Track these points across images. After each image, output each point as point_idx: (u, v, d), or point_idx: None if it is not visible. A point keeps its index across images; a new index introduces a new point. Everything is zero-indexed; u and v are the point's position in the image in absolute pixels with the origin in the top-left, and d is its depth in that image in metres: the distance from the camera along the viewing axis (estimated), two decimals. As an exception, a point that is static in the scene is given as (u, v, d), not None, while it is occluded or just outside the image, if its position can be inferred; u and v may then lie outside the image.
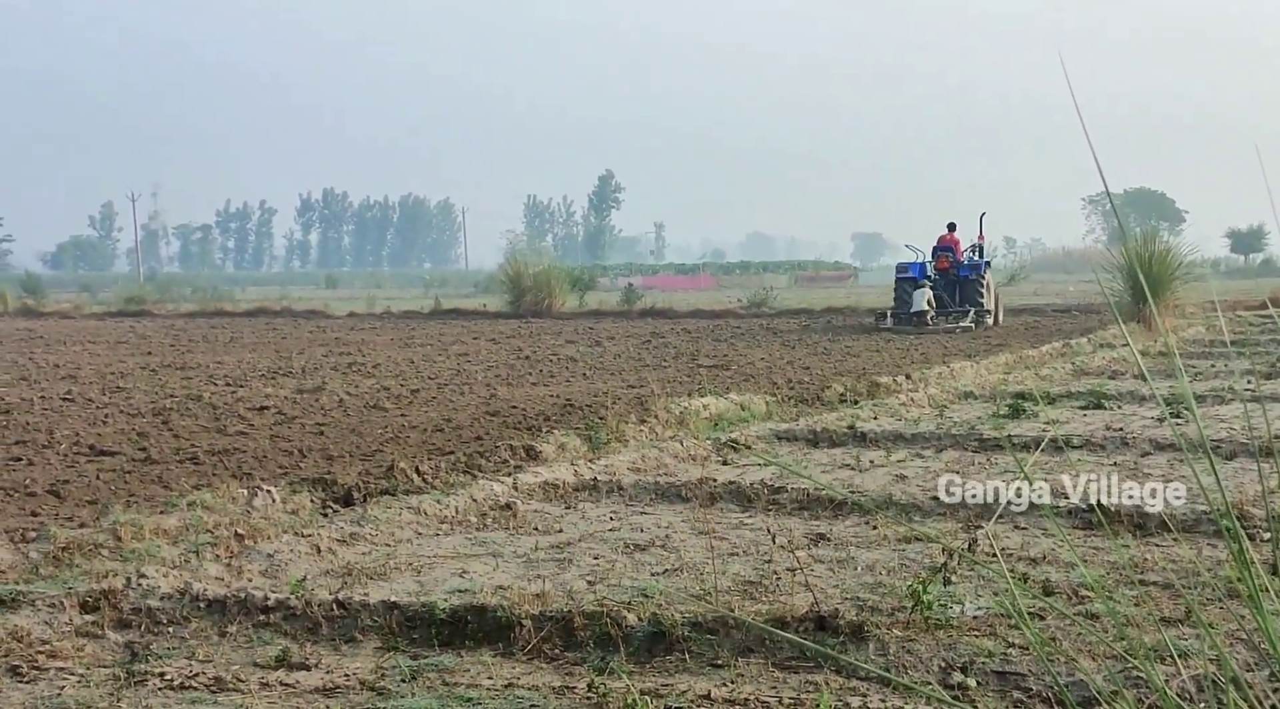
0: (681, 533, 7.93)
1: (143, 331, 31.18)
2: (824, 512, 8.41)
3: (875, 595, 6.29)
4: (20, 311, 43.50)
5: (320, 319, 37.42)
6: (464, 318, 36.73)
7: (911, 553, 7.21)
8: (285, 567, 7.02)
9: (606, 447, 10.69)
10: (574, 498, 9.14)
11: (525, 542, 7.78)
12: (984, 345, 22.22)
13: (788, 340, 24.70)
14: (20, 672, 5.36)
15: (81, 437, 11.86)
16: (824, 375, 16.76)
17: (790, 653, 5.36)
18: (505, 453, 10.23)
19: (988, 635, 5.53)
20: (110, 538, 7.17)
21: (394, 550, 7.50)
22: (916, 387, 14.92)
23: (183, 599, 6.16)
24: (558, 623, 5.72)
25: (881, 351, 21.35)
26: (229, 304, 44.86)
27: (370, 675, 5.31)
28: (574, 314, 36.75)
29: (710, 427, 11.95)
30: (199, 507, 7.79)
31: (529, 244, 64.96)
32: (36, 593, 6.18)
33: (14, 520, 8.08)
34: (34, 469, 10.21)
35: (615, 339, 25.84)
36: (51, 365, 20.44)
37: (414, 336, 27.81)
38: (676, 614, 5.68)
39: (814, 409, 13.39)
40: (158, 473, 9.98)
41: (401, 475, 9.18)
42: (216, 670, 5.35)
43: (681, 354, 21.56)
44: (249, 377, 18.00)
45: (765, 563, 7.00)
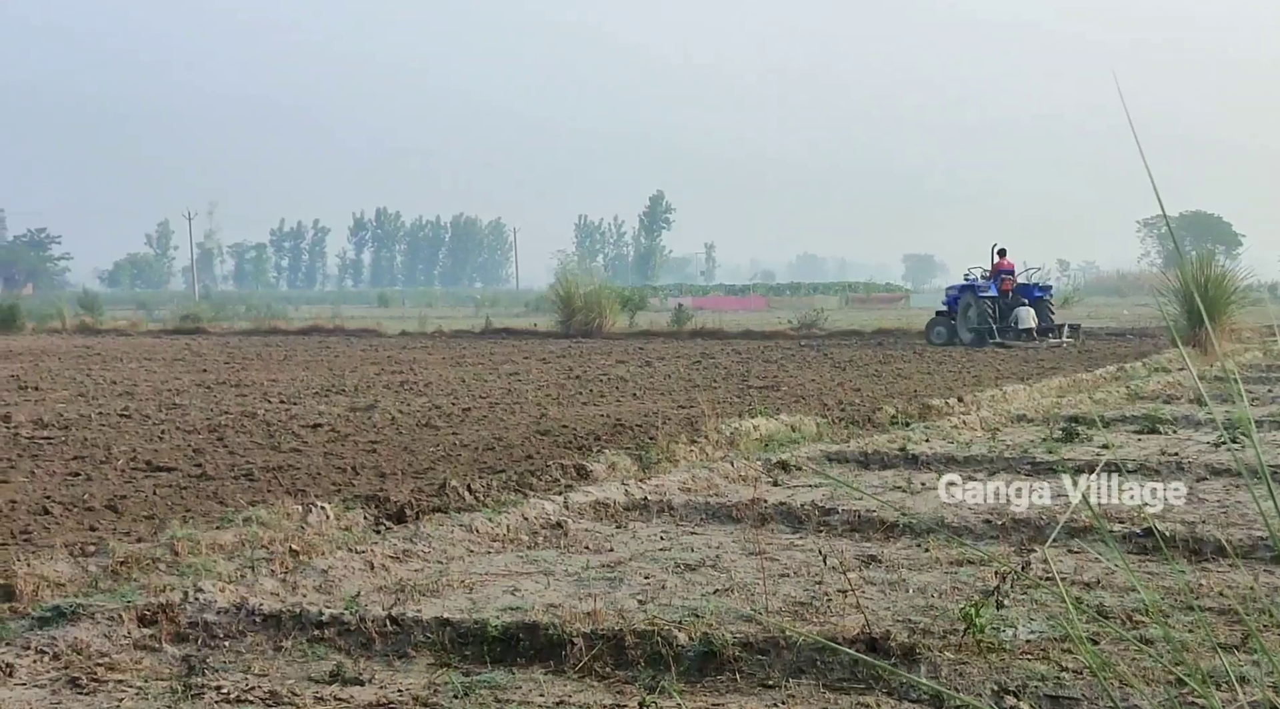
0: (732, 553, 7.93)
1: (198, 349, 31.50)
2: (875, 533, 8.39)
3: (927, 618, 6.27)
4: (78, 329, 44.06)
5: (372, 338, 37.67)
6: (515, 337, 36.87)
7: (963, 575, 7.18)
8: (339, 582, 7.09)
9: (657, 466, 10.71)
10: (625, 517, 9.16)
11: (576, 560, 7.81)
12: (1036, 368, 22.07)
13: (838, 362, 24.63)
14: (80, 684, 5.44)
15: (139, 452, 12.01)
16: (875, 397, 16.71)
17: (842, 674, 5.35)
18: (556, 472, 10.27)
19: (1041, 659, 5.50)
20: (167, 553, 7.27)
21: (446, 567, 7.55)
22: (969, 409, 14.85)
23: (239, 614, 6.23)
24: (609, 641, 5.73)
25: (933, 374, 21.25)
26: (283, 322, 45.25)
27: (423, 692, 5.35)
28: (624, 334, 36.81)
29: (761, 447, 11.94)
30: (254, 522, 7.87)
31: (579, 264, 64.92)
32: (96, 606, 6.27)
33: (73, 534, 8.19)
34: (92, 484, 10.35)
35: (665, 359, 25.86)
36: (109, 382, 20.70)
37: (465, 356, 27.95)
38: (727, 634, 5.69)
39: (865, 431, 13.35)
40: (213, 489, 10.09)
41: (454, 493, 9.24)
42: (272, 685, 5.40)
43: (732, 375, 21.55)
44: (303, 394, 18.15)
45: (816, 584, 6.99)
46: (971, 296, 30.32)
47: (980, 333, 29.92)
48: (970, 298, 30.34)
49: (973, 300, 30.22)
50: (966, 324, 30.22)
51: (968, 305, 30.35)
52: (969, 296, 30.40)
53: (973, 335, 29.97)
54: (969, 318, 30.23)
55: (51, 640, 5.84)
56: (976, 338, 29.78)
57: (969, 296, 30.40)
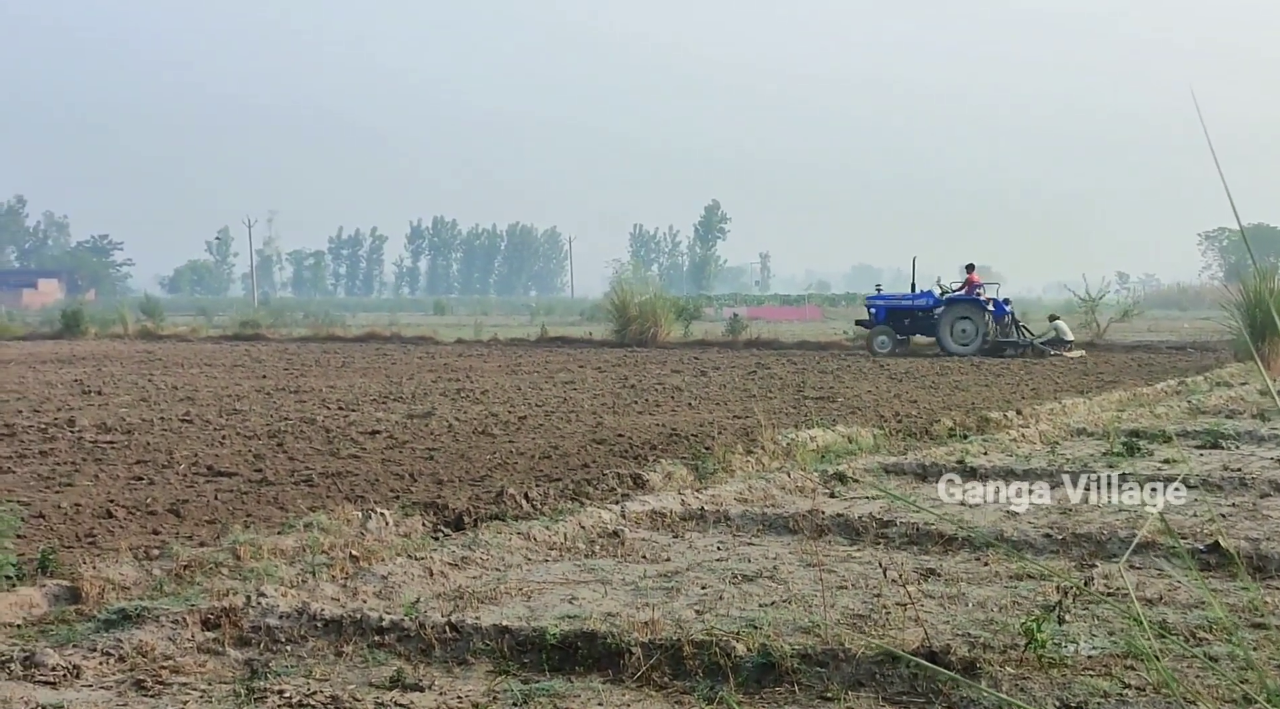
0: (789, 564, 7.92)
1: (257, 355, 31.81)
2: (933, 546, 8.35)
3: (987, 632, 6.23)
4: (140, 334, 44.60)
5: (429, 345, 37.88)
6: (570, 346, 36.95)
7: (1024, 590, 7.13)
8: (399, 588, 7.15)
9: (713, 477, 10.72)
10: (681, 527, 9.17)
11: (633, 570, 7.83)
12: (1096, 381, 21.87)
13: (894, 373, 24.50)
14: (145, 686, 5.52)
15: (200, 457, 12.16)
16: (932, 409, 16.62)
17: (901, 687, 5.33)
18: (612, 481, 10.30)
19: (1103, 675, 5.45)
20: (230, 557, 7.36)
21: (504, 575, 7.59)
22: (1028, 422, 14.73)
23: (300, 618, 6.29)
24: (667, 651, 5.74)
25: (991, 386, 21.10)
26: (340, 329, 45.56)
27: (482, 699, 5.38)
28: (679, 344, 36.78)
29: (817, 459, 11.90)
30: (315, 528, 7.96)
31: (634, 273, 65.03)
32: (160, 609, 6.35)
33: (136, 538, 8.30)
34: (155, 488, 10.48)
35: (720, 369, 25.84)
36: (170, 387, 20.95)
37: (521, 364, 28.06)
38: (786, 645, 5.68)
39: (922, 443, 13.29)
40: (274, 494, 10.19)
41: (511, 501, 9.29)
42: (333, 690, 5.45)
43: (787, 385, 21.50)
44: (360, 401, 18.29)
45: (874, 597, 6.97)
46: (970, 309, 31.19)
47: (1001, 345, 30.98)
48: (967, 309, 31.19)
49: (971, 313, 31.11)
50: (960, 337, 30.95)
51: (959, 317, 31.16)
52: (964, 308, 31.21)
53: (971, 346, 30.73)
54: (962, 330, 31.00)
55: (117, 643, 5.92)
56: (980, 348, 30.64)
57: (964, 308, 31.21)
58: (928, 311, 31.81)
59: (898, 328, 31.74)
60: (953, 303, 31.48)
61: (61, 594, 6.70)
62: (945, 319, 31.21)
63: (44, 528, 8.68)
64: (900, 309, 32.19)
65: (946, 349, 30.76)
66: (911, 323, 31.91)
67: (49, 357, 31.42)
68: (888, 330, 31.51)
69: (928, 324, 31.85)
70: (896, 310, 32.13)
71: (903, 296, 32.75)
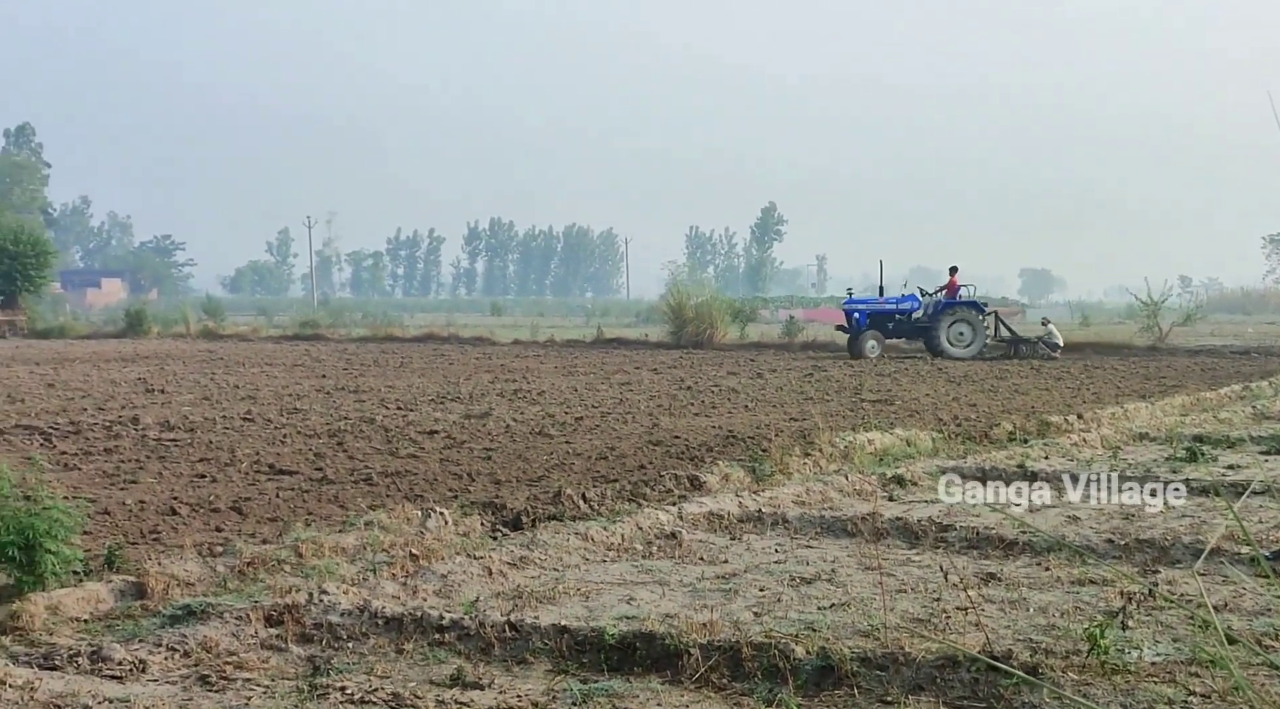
0: (848, 567, 7.89)
1: (317, 355, 32.09)
2: (994, 551, 8.29)
3: (1049, 637, 6.17)
4: (201, 333, 45.14)
5: (486, 346, 38.06)
6: (626, 347, 37.00)
7: (1086, 595, 7.06)
8: (458, 587, 7.19)
9: (770, 479, 10.70)
10: (738, 529, 9.16)
11: (691, 571, 7.83)
12: (1159, 386, 21.62)
13: (953, 376, 24.34)
14: (210, 682, 5.59)
15: (261, 456, 12.27)
16: (991, 413, 16.49)
17: (962, 692, 5.29)
18: (670, 482, 10.30)
19: (1167, 682, 5.39)
20: (292, 554, 7.43)
21: (562, 575, 7.61)
22: (1089, 427, 14.59)
23: (361, 616, 6.34)
24: (725, 653, 5.74)
25: (1051, 390, 20.91)
26: (398, 330, 45.90)
27: (542, 698, 5.40)
28: (735, 346, 36.73)
29: (875, 462, 11.85)
30: (375, 526, 8.01)
31: (690, 275, 64.92)
32: (224, 605, 6.43)
33: (200, 535, 8.40)
34: (217, 486, 10.60)
35: (777, 371, 25.77)
36: (232, 386, 21.18)
37: (577, 365, 28.12)
38: (845, 648, 5.66)
39: (982, 447, 13.19)
40: (334, 492, 10.28)
41: (568, 501, 9.31)
42: (394, 687, 5.49)
43: (844, 388, 21.41)
44: (419, 401, 18.40)
45: (934, 601, 6.93)
46: (967, 312, 31.26)
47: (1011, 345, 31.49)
48: (965, 312, 31.22)
49: (969, 316, 31.19)
50: (960, 339, 30.92)
51: (956, 320, 31.08)
52: (962, 311, 31.21)
53: (971, 349, 30.77)
54: (959, 334, 30.97)
55: (182, 638, 6.00)
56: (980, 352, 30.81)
57: (962, 311, 31.21)
58: (912, 316, 31.61)
59: (881, 332, 31.39)
60: (950, 306, 31.33)
61: (127, 590, 6.79)
62: (943, 322, 31.00)
63: (109, 524, 8.80)
64: (883, 313, 31.76)
65: (943, 353, 30.52)
66: (895, 327, 31.62)
67: (113, 355, 31.86)
68: (877, 335, 31.09)
69: (913, 328, 31.63)
70: (879, 315, 31.69)
71: (886, 300, 32.27)
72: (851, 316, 31.79)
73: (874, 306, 31.95)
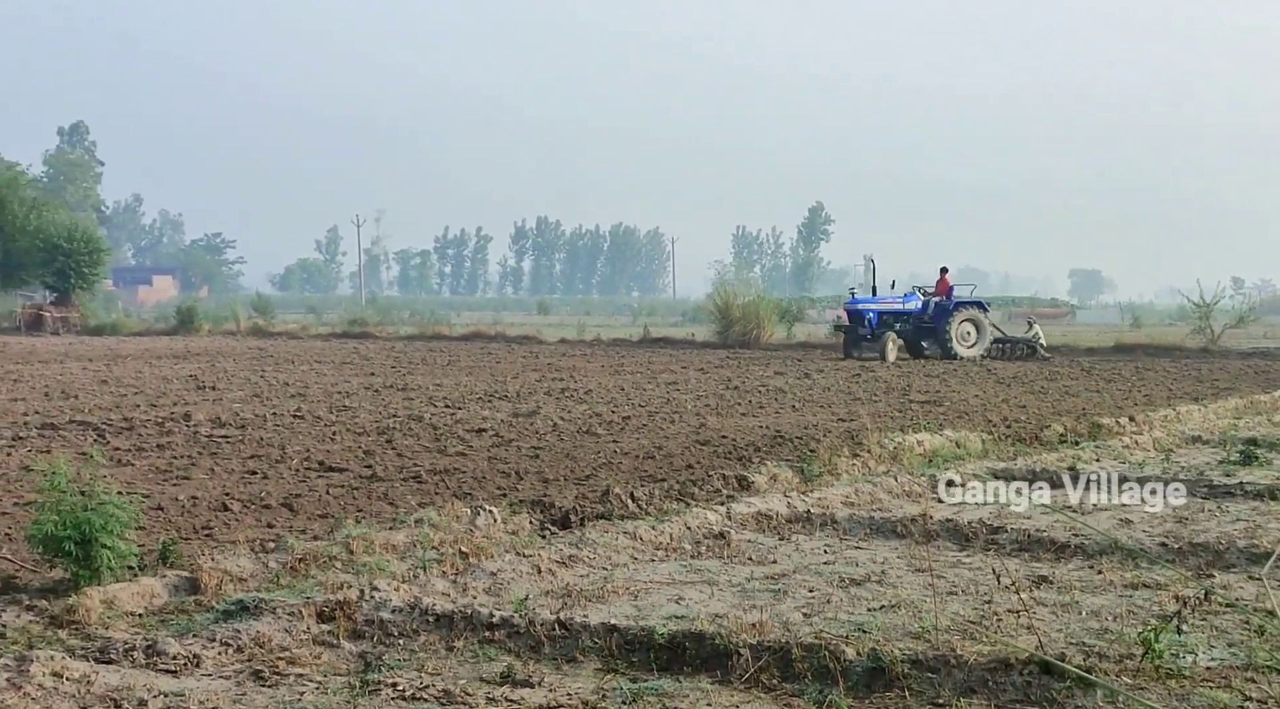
0: (897, 569, 7.85)
1: (365, 353, 32.29)
2: (1045, 553, 8.23)
3: (1102, 641, 6.12)
4: (251, 331, 45.55)
5: (533, 344, 38.18)
6: (672, 347, 37.00)
7: (1139, 599, 6.99)
8: (508, 585, 7.21)
9: (819, 479, 10.66)
10: (787, 529, 9.14)
11: (740, 571, 7.82)
12: (1211, 388, 21.39)
13: (1002, 378, 24.18)
14: (263, 677, 5.63)
15: (311, 453, 12.36)
16: (1041, 414, 16.36)
17: (1014, 695, 5.26)
18: (717, 482, 10.29)
19: (1223, 687, 5.33)
20: (343, 551, 7.48)
21: (611, 574, 7.62)
22: (1140, 429, 14.46)
23: (412, 613, 6.38)
24: (775, 653, 5.72)
25: (1102, 392, 20.72)
26: (445, 328, 46.12)
27: (592, 696, 5.40)
28: (782, 345, 36.66)
29: (924, 463, 11.79)
30: (425, 524, 8.05)
31: (736, 275, 64.81)
32: (277, 601, 6.48)
33: (251, 531, 8.46)
34: (268, 483, 10.68)
35: (824, 372, 25.69)
36: (281, 383, 21.34)
37: (624, 364, 28.14)
38: (896, 650, 5.63)
39: (1032, 448, 13.09)
40: (383, 490, 10.32)
41: (617, 500, 9.32)
42: (445, 684, 5.52)
43: (893, 389, 21.31)
44: (466, 399, 18.47)
45: (985, 603, 6.88)
46: (975, 311, 30.89)
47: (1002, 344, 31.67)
48: (972, 312, 30.82)
49: (975, 315, 30.80)
50: (967, 339, 30.51)
51: (967, 318, 30.64)
52: (970, 310, 30.80)
53: (978, 348, 30.49)
54: (966, 333, 30.51)
55: (235, 633, 6.05)
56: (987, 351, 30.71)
57: (970, 310, 30.80)
58: (920, 315, 30.98)
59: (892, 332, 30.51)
60: (957, 305, 30.84)
61: (181, 585, 6.86)
62: (953, 322, 30.42)
63: (162, 520, 8.88)
64: (892, 313, 30.99)
65: (952, 353, 29.96)
66: (902, 327, 30.83)
67: (164, 352, 32.20)
68: (893, 336, 30.22)
69: (919, 328, 30.97)
70: (890, 314, 30.94)
71: (892, 299, 31.44)
72: (864, 317, 30.85)
73: (885, 306, 31.19)
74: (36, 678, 5.31)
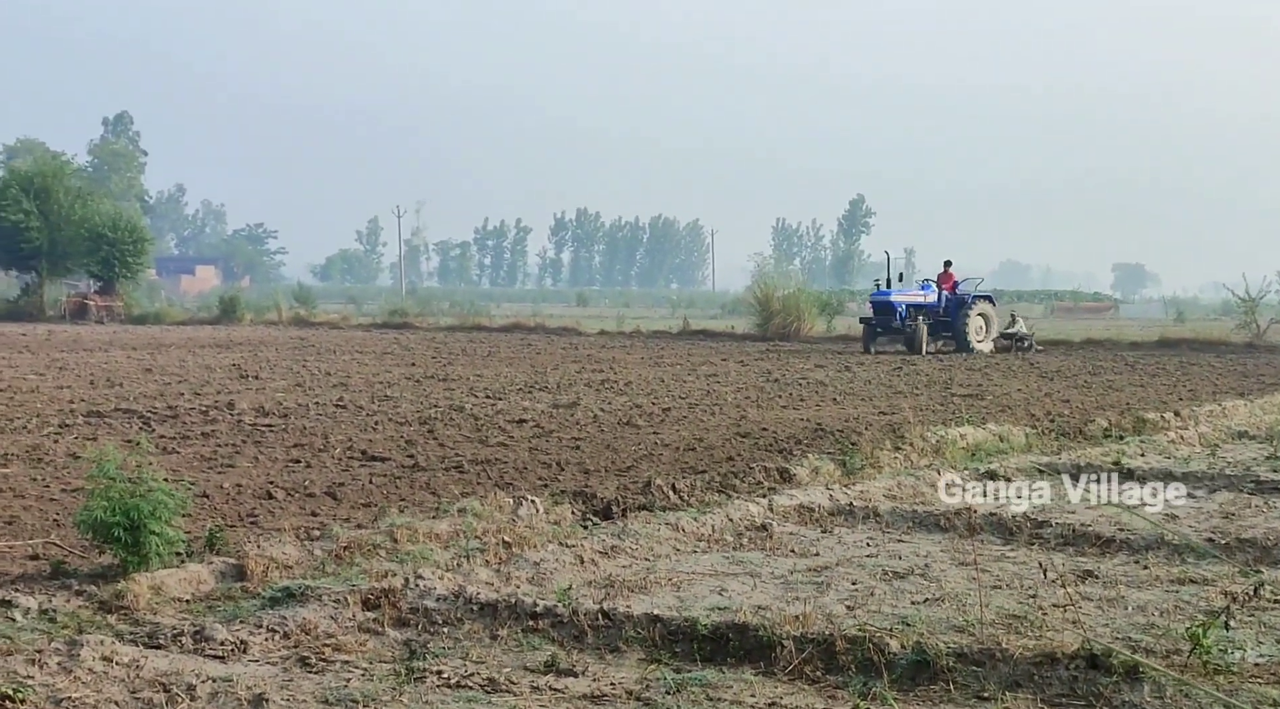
0: (941, 562, 7.82)
1: (406, 343, 32.41)
2: (1090, 548, 8.17)
3: (1149, 636, 6.08)
4: (293, 321, 45.80)
5: (572, 336, 38.22)
6: (712, 339, 36.95)
7: (1186, 595, 6.94)
8: (551, 575, 7.23)
9: (861, 472, 10.63)
10: (829, 522, 9.12)
11: (782, 563, 7.81)
12: (1257, 383, 21.18)
13: (1045, 372, 24.03)
14: (309, 663, 5.67)
15: (354, 442, 12.43)
16: (1085, 409, 16.25)
17: (1060, 689, 5.23)
18: (759, 474, 10.28)
19: (1272, 683, 5.28)
20: (387, 539, 7.52)
21: (653, 565, 7.63)
22: (1186, 424, 14.34)
23: (456, 601, 6.41)
24: (819, 645, 5.71)
25: (1146, 387, 20.57)
26: (485, 319, 46.21)
27: (635, 686, 5.41)
28: (822, 338, 36.55)
29: (967, 457, 11.74)
30: (469, 513, 8.08)
31: (776, 267, 64.64)
32: (323, 588, 6.52)
33: (296, 519, 8.52)
34: (311, 471, 10.75)
35: (865, 364, 25.61)
36: (323, 373, 21.46)
37: (663, 356, 28.14)
38: (940, 643, 5.61)
39: (1076, 443, 13.01)
40: (426, 479, 10.38)
41: (658, 492, 9.33)
42: (489, 672, 5.54)
43: (934, 382, 21.22)
44: (507, 390, 18.52)
45: (1030, 597, 6.85)
46: (986, 305, 30.61)
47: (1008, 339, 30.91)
48: (984, 306, 30.51)
49: (986, 309, 30.52)
50: (979, 333, 30.13)
51: (980, 312, 30.32)
52: (982, 305, 30.49)
53: (986, 342, 30.17)
54: (978, 328, 30.10)
55: (282, 620, 6.10)
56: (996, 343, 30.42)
57: (982, 305, 30.49)
58: (936, 309, 30.51)
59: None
60: (975, 300, 30.57)
61: (228, 571, 6.91)
62: (970, 315, 30.07)
63: (208, 507, 8.96)
64: (917, 306, 30.46)
65: (969, 347, 29.55)
66: (923, 320, 30.25)
67: (207, 341, 32.45)
68: (925, 328, 29.74)
69: (937, 321, 30.50)
70: (918, 307, 30.43)
71: (914, 291, 31.11)
72: (894, 309, 30.19)
73: (910, 298, 30.70)
74: (87, 662, 5.37)
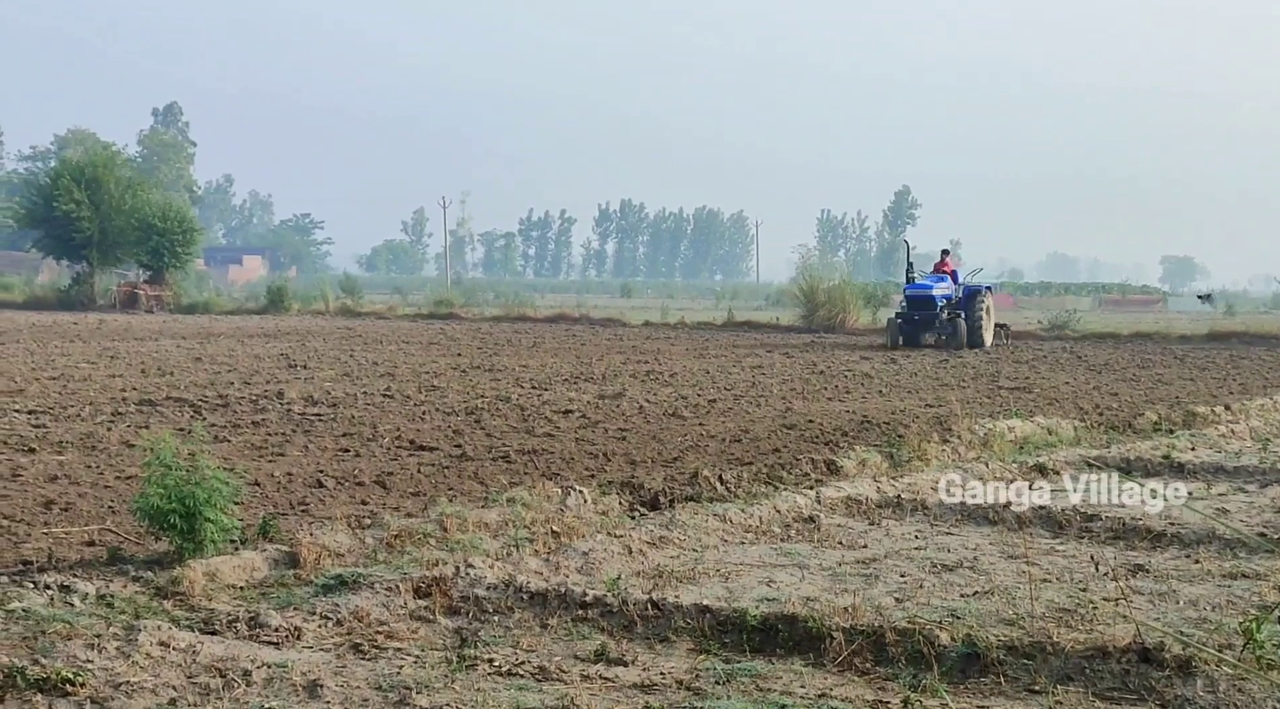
0: (990, 555, 7.80)
1: (451, 334, 32.56)
2: (1140, 542, 8.13)
3: (1201, 631, 6.04)
4: (339, 311, 46.06)
5: (617, 327, 38.26)
6: (756, 331, 36.90)
7: (1238, 589, 6.89)
8: (599, 565, 7.27)
9: (908, 465, 10.60)
10: (877, 514, 9.11)
11: (830, 555, 7.81)
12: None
13: (1093, 365, 23.85)
14: (362, 649, 5.73)
15: (402, 432, 12.51)
16: (1134, 402, 16.14)
17: (1112, 683, 5.21)
18: (806, 466, 10.28)
19: (1327, 680, 5.24)
20: (437, 528, 7.57)
21: (701, 556, 7.65)
22: (1237, 418, 14.21)
23: (507, 590, 6.46)
24: (868, 637, 5.72)
25: (1196, 380, 20.39)
26: (530, 310, 46.31)
27: (685, 675, 5.44)
28: (868, 330, 36.40)
29: (1015, 450, 11.68)
30: (517, 503, 8.12)
31: (820, 259, 64.41)
32: (375, 576, 6.59)
33: (346, 507, 8.60)
34: (361, 460, 10.84)
35: (910, 357, 25.51)
36: (370, 363, 21.60)
37: (708, 348, 28.14)
38: (991, 636, 5.60)
39: (1125, 437, 12.92)
40: (473, 469, 10.44)
41: (705, 483, 9.34)
42: (540, 660, 5.58)
43: (981, 374, 21.12)
44: (553, 381, 18.59)
45: (1080, 591, 6.82)
46: (989, 297, 29.71)
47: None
48: (987, 298, 29.50)
49: (989, 300, 29.55)
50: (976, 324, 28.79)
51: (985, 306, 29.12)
52: (987, 296, 29.53)
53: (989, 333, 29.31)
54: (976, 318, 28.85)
55: (334, 607, 6.16)
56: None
57: (987, 296, 29.53)
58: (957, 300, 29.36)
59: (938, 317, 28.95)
60: (985, 290, 29.68)
61: (281, 559, 6.98)
62: (979, 307, 28.87)
63: (259, 495, 9.05)
64: (946, 298, 29.28)
65: (981, 342, 28.46)
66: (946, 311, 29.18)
67: (255, 331, 32.71)
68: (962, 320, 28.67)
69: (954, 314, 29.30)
70: (954, 298, 29.40)
71: (946, 283, 29.61)
72: (935, 302, 28.88)
73: (949, 290, 29.48)
74: (144, 647, 5.44)
